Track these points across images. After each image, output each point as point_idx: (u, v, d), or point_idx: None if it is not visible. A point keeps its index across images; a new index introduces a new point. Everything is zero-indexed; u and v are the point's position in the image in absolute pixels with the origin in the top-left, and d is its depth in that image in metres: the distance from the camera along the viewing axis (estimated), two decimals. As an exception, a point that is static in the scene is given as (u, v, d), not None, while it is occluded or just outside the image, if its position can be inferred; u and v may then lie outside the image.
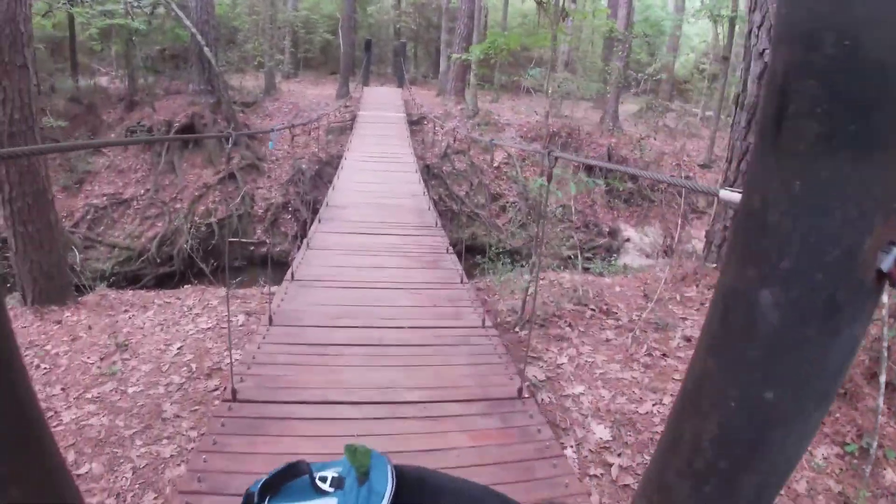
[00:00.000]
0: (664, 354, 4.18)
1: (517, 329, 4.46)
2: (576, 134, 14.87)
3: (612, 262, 9.27)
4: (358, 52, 23.34)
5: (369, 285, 4.62)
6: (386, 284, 4.66)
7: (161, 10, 14.44)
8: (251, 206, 12.15)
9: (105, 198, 12.31)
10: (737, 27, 16.32)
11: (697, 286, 5.29)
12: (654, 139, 16.90)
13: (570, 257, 10.00)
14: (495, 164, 13.62)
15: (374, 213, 7.02)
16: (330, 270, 4.96)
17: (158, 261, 11.28)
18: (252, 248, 11.72)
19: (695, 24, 22.57)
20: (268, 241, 11.73)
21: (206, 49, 12.27)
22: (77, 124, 14.06)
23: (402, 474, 0.99)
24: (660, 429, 3.30)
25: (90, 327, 5.13)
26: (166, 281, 10.91)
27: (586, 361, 4.02)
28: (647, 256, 14.89)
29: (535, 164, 13.80)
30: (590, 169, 14.74)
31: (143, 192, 12.50)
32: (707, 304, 5.12)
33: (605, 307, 4.94)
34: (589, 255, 11.09)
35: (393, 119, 14.53)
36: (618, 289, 5.86)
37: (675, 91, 22.46)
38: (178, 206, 12.02)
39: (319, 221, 6.44)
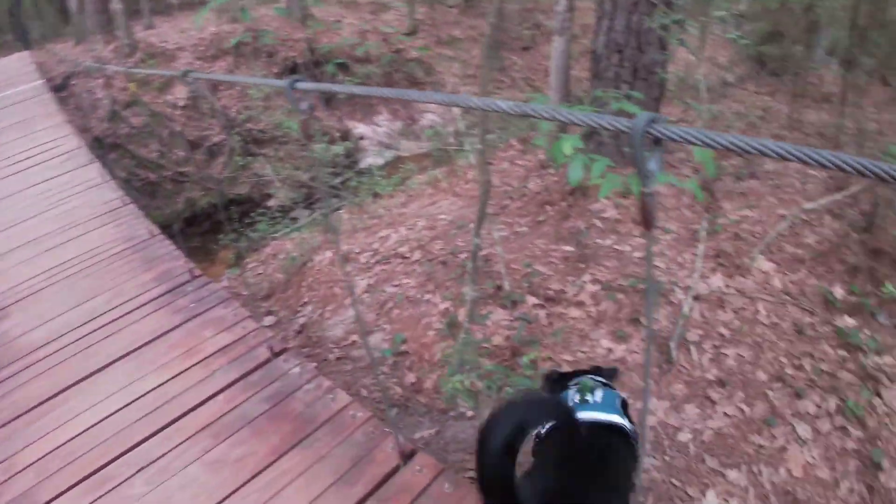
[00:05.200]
0: None
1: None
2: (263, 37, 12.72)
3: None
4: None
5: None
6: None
7: None
8: None
9: None
10: None
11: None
12: (346, 17, 15.30)
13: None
14: (182, 104, 11.15)
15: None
16: None
17: None
18: None
19: None
20: None
21: None
22: None
23: None
24: None
25: None
26: None
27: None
28: (389, 147, 14.04)
29: (232, 86, 11.62)
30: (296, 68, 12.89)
31: None
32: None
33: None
34: (336, 170, 9.49)
35: (22, 95, 10.53)
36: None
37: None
38: None
39: None
